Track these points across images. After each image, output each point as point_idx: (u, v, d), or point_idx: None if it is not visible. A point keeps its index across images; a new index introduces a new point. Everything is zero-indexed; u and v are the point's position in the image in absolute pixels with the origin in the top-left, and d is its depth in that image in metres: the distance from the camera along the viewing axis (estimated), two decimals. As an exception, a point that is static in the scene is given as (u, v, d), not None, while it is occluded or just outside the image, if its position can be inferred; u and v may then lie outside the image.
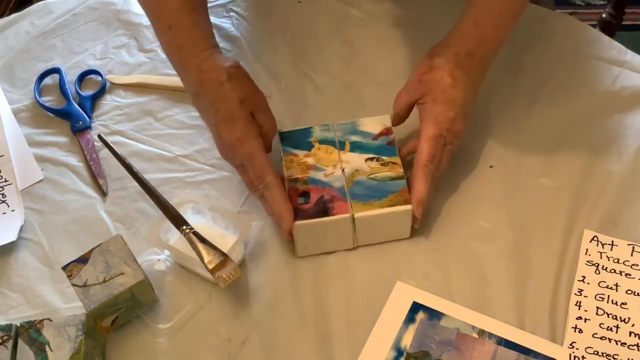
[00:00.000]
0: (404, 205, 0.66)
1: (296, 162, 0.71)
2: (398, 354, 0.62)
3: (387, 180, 0.68)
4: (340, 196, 0.67)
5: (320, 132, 0.73)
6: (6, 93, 0.87)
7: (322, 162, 0.70)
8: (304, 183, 0.69)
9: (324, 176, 0.69)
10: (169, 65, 0.86)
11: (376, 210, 0.66)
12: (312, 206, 0.67)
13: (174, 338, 0.65)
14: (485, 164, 0.74)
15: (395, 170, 0.69)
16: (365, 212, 0.66)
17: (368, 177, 0.69)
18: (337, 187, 0.68)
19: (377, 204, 0.67)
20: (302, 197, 0.68)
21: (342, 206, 0.67)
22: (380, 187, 0.68)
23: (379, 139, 0.72)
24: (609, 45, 0.83)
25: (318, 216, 0.66)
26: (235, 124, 0.67)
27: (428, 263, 0.68)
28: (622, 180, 0.71)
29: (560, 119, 0.77)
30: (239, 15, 0.91)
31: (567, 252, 0.67)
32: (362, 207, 0.67)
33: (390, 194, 0.67)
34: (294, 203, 0.67)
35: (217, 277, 0.63)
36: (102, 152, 0.79)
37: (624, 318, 0.62)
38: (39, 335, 0.61)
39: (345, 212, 0.66)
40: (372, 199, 0.67)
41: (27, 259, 0.72)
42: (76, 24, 0.93)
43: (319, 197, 0.67)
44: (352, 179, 0.69)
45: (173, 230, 0.67)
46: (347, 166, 0.70)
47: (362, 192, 0.68)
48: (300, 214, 0.66)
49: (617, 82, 0.79)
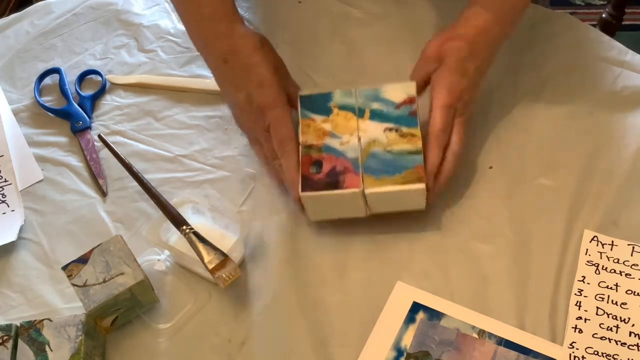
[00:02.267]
0: (417, 184, 0.64)
1: (313, 127, 0.69)
2: (398, 354, 0.62)
3: (403, 154, 0.66)
4: (353, 168, 0.65)
5: (341, 97, 0.70)
6: (6, 93, 0.87)
7: (339, 130, 0.68)
8: (318, 151, 0.67)
9: (340, 144, 0.67)
10: (169, 65, 0.87)
11: (388, 187, 0.64)
12: (323, 177, 0.65)
13: (174, 338, 0.65)
14: (485, 164, 0.74)
15: (413, 143, 0.66)
16: (376, 188, 0.64)
17: (384, 149, 0.66)
18: (351, 158, 0.66)
19: (389, 180, 0.64)
20: (314, 166, 0.66)
21: (353, 179, 0.65)
22: (395, 162, 0.65)
23: (400, 108, 0.69)
24: (609, 45, 0.83)
25: (328, 188, 0.65)
26: (270, 88, 0.68)
27: (428, 263, 0.68)
28: (622, 180, 0.71)
29: (560, 119, 0.77)
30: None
31: (567, 252, 0.67)
32: (374, 182, 0.65)
33: (405, 169, 0.65)
34: (306, 171, 0.66)
35: (217, 277, 0.63)
36: (102, 152, 0.79)
37: (624, 318, 0.62)
38: (39, 335, 0.61)
39: (355, 187, 0.64)
40: (385, 174, 0.65)
41: (27, 259, 0.72)
42: (76, 24, 0.93)
43: (331, 168, 0.66)
44: (367, 151, 0.66)
45: (173, 230, 0.67)
46: (364, 135, 0.68)
47: (376, 166, 0.65)
48: (310, 183, 0.65)
49: (617, 82, 0.79)
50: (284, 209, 0.73)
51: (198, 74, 0.86)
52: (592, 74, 0.80)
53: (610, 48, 0.82)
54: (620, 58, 0.81)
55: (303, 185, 0.66)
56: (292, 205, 0.73)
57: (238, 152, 0.78)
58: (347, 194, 0.64)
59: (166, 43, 0.90)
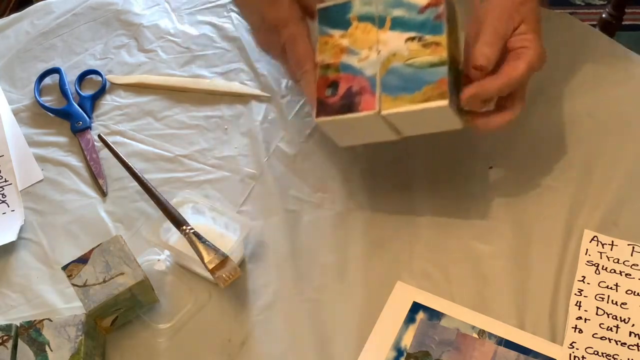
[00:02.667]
0: (438, 101, 0.57)
1: (331, 44, 0.63)
2: (398, 354, 0.62)
3: (425, 67, 0.58)
4: (369, 87, 0.59)
5: (361, 6, 0.63)
6: (6, 93, 0.87)
7: (358, 44, 0.62)
8: (335, 70, 0.62)
9: (358, 61, 0.61)
10: (169, 65, 0.87)
11: (405, 106, 0.58)
12: (338, 100, 0.60)
13: (174, 338, 0.65)
14: (485, 165, 0.74)
15: (437, 53, 0.58)
16: (392, 109, 0.58)
17: (404, 63, 0.59)
18: (369, 76, 0.60)
19: (408, 98, 0.58)
20: (330, 88, 0.61)
21: (368, 101, 0.59)
22: (416, 77, 0.58)
23: (425, 11, 0.60)
24: (609, 45, 0.83)
25: (342, 112, 0.59)
26: (281, 5, 0.64)
27: (428, 263, 0.68)
28: (622, 180, 0.71)
29: (560, 119, 0.77)
30: (239, 15, 0.91)
31: (567, 252, 0.67)
32: (391, 102, 0.58)
33: (426, 85, 0.57)
34: (321, 94, 0.61)
35: (217, 277, 0.63)
36: (102, 152, 0.79)
37: (624, 318, 0.62)
38: (39, 335, 0.61)
39: (370, 109, 0.59)
40: (404, 91, 0.58)
41: (27, 259, 0.72)
42: (76, 24, 0.93)
43: (347, 89, 0.60)
44: (386, 66, 0.60)
45: (173, 230, 0.68)
46: (384, 48, 0.61)
47: (395, 83, 0.59)
48: (324, 108, 0.60)
49: (617, 82, 0.79)
50: (284, 209, 0.73)
51: (198, 74, 0.86)
52: (591, 74, 0.80)
53: (610, 48, 0.82)
54: (620, 58, 0.81)
55: (317, 110, 0.61)
56: (292, 205, 0.73)
57: (238, 152, 0.78)
58: (361, 117, 0.59)
59: (166, 43, 0.90)
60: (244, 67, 0.86)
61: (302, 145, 0.78)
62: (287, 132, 0.79)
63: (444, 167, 0.74)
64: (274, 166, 0.76)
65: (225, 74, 0.86)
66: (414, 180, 0.73)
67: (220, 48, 0.88)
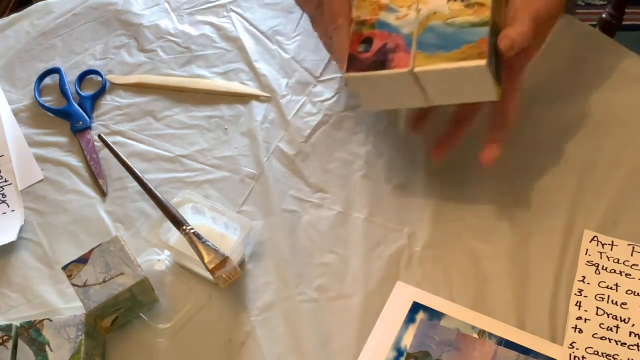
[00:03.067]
0: (476, 60, 0.54)
1: (369, 0, 0.61)
2: (398, 354, 0.62)
3: (466, 26, 0.56)
4: (404, 45, 0.57)
5: None
6: (6, 93, 0.87)
7: (398, 2, 0.60)
8: (370, 27, 0.59)
9: (395, 19, 0.59)
10: (169, 65, 0.87)
11: (440, 64, 0.55)
12: (371, 56, 0.58)
13: (174, 338, 0.65)
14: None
15: (480, 13, 0.56)
16: (427, 66, 0.55)
17: (444, 21, 0.57)
18: (405, 34, 0.57)
19: (443, 56, 0.55)
20: (363, 44, 0.59)
21: (402, 58, 0.56)
22: (455, 36, 0.56)
23: None
24: (609, 45, 0.83)
25: (373, 68, 0.57)
26: None
27: (428, 263, 0.68)
28: (622, 180, 0.71)
29: (560, 119, 0.77)
30: (239, 15, 0.92)
31: (567, 252, 0.67)
32: (425, 59, 0.55)
33: (465, 44, 0.55)
34: (354, 50, 0.58)
35: (217, 277, 0.63)
36: (102, 152, 0.79)
37: (624, 318, 0.62)
38: (39, 335, 0.61)
39: (403, 66, 0.56)
40: (441, 49, 0.55)
41: (27, 259, 0.72)
42: (76, 24, 0.93)
43: (381, 46, 0.58)
44: (424, 24, 0.57)
45: (173, 230, 0.67)
46: (423, 7, 0.58)
47: (432, 41, 0.56)
48: (355, 63, 0.58)
49: (617, 83, 0.79)
50: (284, 209, 0.73)
51: (198, 74, 0.86)
52: (591, 74, 0.80)
53: (610, 48, 0.82)
54: (620, 58, 0.81)
55: (348, 65, 0.58)
56: (292, 205, 0.73)
57: (238, 152, 0.78)
58: (393, 74, 0.56)
59: (166, 43, 0.90)
60: (244, 67, 0.86)
61: (302, 145, 0.78)
62: (287, 132, 0.79)
63: (443, 167, 0.74)
64: (274, 166, 0.76)
65: (225, 74, 0.86)
66: (413, 180, 0.73)
67: (220, 48, 0.88)
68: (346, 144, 0.77)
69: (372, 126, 0.78)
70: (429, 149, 0.75)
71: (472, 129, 0.72)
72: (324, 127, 0.79)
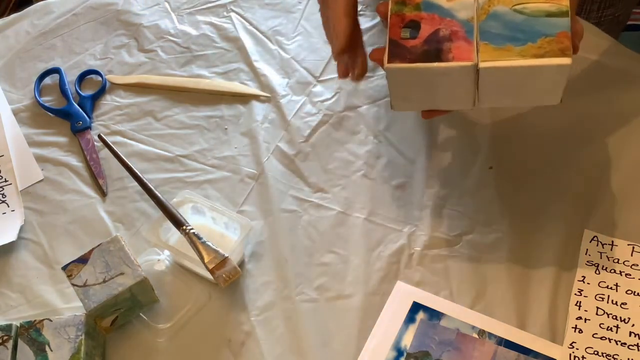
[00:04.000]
0: (560, 58, 0.46)
1: None
2: (398, 354, 0.62)
3: (540, 15, 0.47)
4: (463, 33, 0.48)
5: None
6: (6, 93, 0.87)
7: None
8: (414, 8, 0.50)
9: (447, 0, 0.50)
10: (169, 65, 0.87)
11: (515, 60, 0.47)
12: (421, 44, 0.49)
13: (174, 338, 0.65)
14: (485, 164, 0.74)
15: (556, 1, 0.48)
16: (497, 62, 0.47)
17: (512, 7, 0.48)
18: (462, 20, 0.49)
19: (517, 50, 0.47)
20: (408, 29, 0.49)
21: (463, 49, 0.48)
22: (528, 26, 0.47)
23: None
24: (611, 45, 0.83)
25: (426, 60, 0.48)
26: None
27: (428, 263, 0.68)
28: (622, 180, 0.71)
29: (560, 119, 0.77)
30: (239, 15, 0.92)
31: (567, 252, 0.67)
32: (494, 52, 0.47)
33: (541, 37, 0.47)
34: (396, 35, 0.49)
35: (217, 277, 0.63)
36: (102, 152, 0.79)
37: (624, 318, 0.62)
38: (39, 335, 0.61)
39: (466, 59, 0.47)
40: (512, 41, 0.47)
41: (27, 259, 0.72)
42: (76, 24, 0.93)
43: (432, 32, 0.49)
44: (486, 10, 0.49)
45: (173, 230, 0.67)
46: None
47: (499, 31, 0.48)
48: (400, 53, 0.48)
49: (618, 82, 0.79)
50: (284, 209, 0.73)
51: (198, 74, 0.86)
52: (592, 74, 0.80)
53: (611, 48, 0.82)
54: (621, 58, 0.81)
55: (390, 54, 0.49)
56: (292, 205, 0.73)
57: (238, 152, 0.78)
58: (453, 68, 0.47)
59: (166, 43, 0.90)
60: (244, 67, 0.86)
61: (302, 145, 0.78)
62: (287, 132, 0.79)
63: (443, 167, 0.74)
64: (274, 166, 0.76)
65: (225, 74, 0.86)
66: (413, 180, 0.73)
67: (220, 48, 0.88)
68: (346, 144, 0.77)
69: (372, 126, 0.78)
70: (429, 149, 0.75)
71: (471, 129, 0.72)
72: (323, 127, 0.79)
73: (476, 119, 0.77)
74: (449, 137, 0.77)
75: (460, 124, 0.77)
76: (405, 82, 0.50)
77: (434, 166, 0.74)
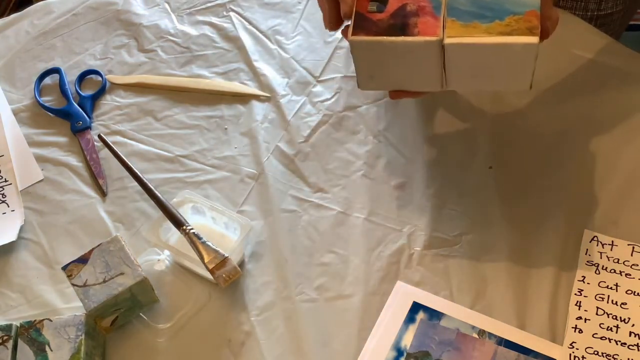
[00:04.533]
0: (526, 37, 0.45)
1: None
2: (398, 354, 0.62)
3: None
4: (431, 9, 0.47)
5: None
6: (6, 93, 0.87)
7: None
8: None
9: None
10: (169, 65, 0.87)
11: (480, 37, 0.46)
12: (387, 17, 0.48)
13: (174, 338, 0.65)
14: (484, 165, 0.74)
15: None
16: (463, 38, 0.46)
17: None
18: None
19: (484, 27, 0.46)
20: (375, 2, 0.49)
21: (429, 24, 0.46)
22: (496, 3, 0.47)
23: None
24: (610, 44, 0.83)
25: (390, 33, 0.47)
26: None
27: (428, 263, 0.68)
28: (622, 180, 0.71)
29: (560, 119, 0.77)
30: (239, 14, 0.92)
31: (567, 252, 0.67)
32: (461, 29, 0.46)
33: (510, 15, 0.46)
34: (362, 8, 0.48)
35: (217, 277, 0.63)
36: (102, 152, 0.79)
37: (624, 318, 0.62)
38: (39, 335, 0.61)
39: (431, 34, 0.46)
40: (479, 19, 0.46)
41: (27, 259, 0.72)
42: (76, 24, 0.93)
43: (399, 6, 0.48)
44: None
45: (173, 230, 0.67)
46: None
47: (467, 8, 0.47)
48: (365, 25, 0.47)
49: (618, 82, 0.79)
50: (284, 209, 0.73)
51: (198, 74, 0.86)
52: (592, 74, 0.80)
53: (611, 48, 0.82)
54: (621, 58, 0.81)
55: (355, 27, 0.48)
56: (292, 205, 0.73)
57: (238, 152, 0.78)
58: (417, 43, 0.46)
59: (166, 43, 0.90)
60: (244, 67, 0.86)
61: (302, 145, 0.78)
62: (287, 132, 0.79)
63: (443, 167, 0.74)
64: (274, 166, 0.76)
65: (225, 74, 0.86)
66: (413, 180, 0.73)
67: (220, 48, 0.88)
68: (346, 144, 0.77)
69: (372, 126, 0.78)
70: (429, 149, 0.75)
71: (471, 129, 0.72)
72: (323, 127, 0.79)
73: (476, 119, 0.77)
74: (449, 137, 0.76)
75: (460, 124, 0.77)
76: (370, 58, 0.48)
77: (433, 166, 0.74)
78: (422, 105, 0.78)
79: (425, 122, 0.77)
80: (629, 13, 0.92)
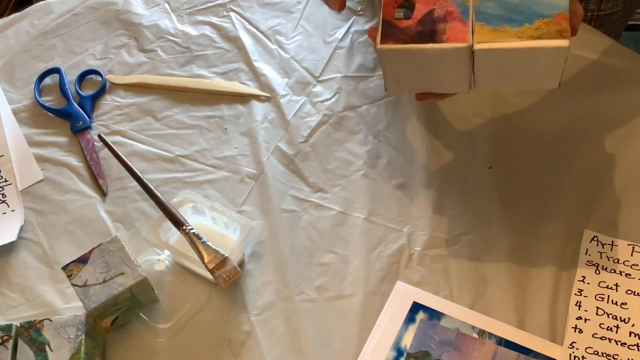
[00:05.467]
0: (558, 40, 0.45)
1: None
2: (398, 354, 0.62)
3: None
4: (459, 14, 0.47)
5: None
6: (6, 93, 0.87)
7: None
8: None
9: None
10: (169, 65, 0.87)
11: (510, 42, 0.45)
12: (414, 24, 0.47)
13: (174, 338, 0.65)
14: (485, 164, 0.74)
15: None
16: (492, 43, 0.46)
17: None
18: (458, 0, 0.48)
19: (514, 32, 0.46)
20: (402, 9, 0.48)
21: (458, 29, 0.46)
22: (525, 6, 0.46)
23: None
24: (610, 45, 0.83)
25: (420, 41, 0.47)
26: None
27: (428, 263, 0.68)
28: (622, 180, 0.71)
29: (560, 119, 0.77)
30: (239, 14, 0.92)
31: (567, 252, 0.67)
32: (490, 34, 0.46)
33: (539, 18, 0.46)
34: (389, 15, 0.48)
35: (217, 277, 0.63)
36: (102, 152, 0.79)
37: (624, 318, 0.62)
38: (39, 335, 0.61)
39: (461, 40, 0.46)
40: (508, 22, 0.46)
41: (27, 259, 0.72)
42: (76, 24, 0.93)
43: (427, 12, 0.48)
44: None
45: (173, 230, 0.67)
46: None
47: (496, 12, 0.47)
48: (393, 33, 0.47)
49: (618, 82, 0.79)
50: (284, 209, 0.73)
51: (198, 74, 0.86)
52: (592, 74, 0.80)
53: (611, 48, 0.82)
54: (621, 58, 0.81)
55: (383, 35, 0.48)
56: (292, 205, 0.73)
57: (238, 152, 0.78)
58: (446, 50, 0.46)
59: (166, 43, 0.90)
60: (244, 67, 0.86)
61: (302, 145, 0.78)
62: (287, 132, 0.79)
63: (443, 167, 0.74)
64: (274, 166, 0.76)
65: (225, 74, 0.86)
66: (413, 180, 0.73)
67: (220, 48, 0.88)
68: (346, 144, 0.78)
69: (372, 126, 0.78)
70: (429, 149, 0.75)
71: (471, 129, 0.72)
72: (323, 127, 0.79)
73: (476, 119, 0.77)
74: (449, 137, 0.77)
75: (460, 124, 0.77)
76: (398, 64, 0.48)
77: (433, 166, 0.74)
78: (422, 105, 0.78)
79: (425, 122, 0.77)
80: (629, 13, 0.92)
